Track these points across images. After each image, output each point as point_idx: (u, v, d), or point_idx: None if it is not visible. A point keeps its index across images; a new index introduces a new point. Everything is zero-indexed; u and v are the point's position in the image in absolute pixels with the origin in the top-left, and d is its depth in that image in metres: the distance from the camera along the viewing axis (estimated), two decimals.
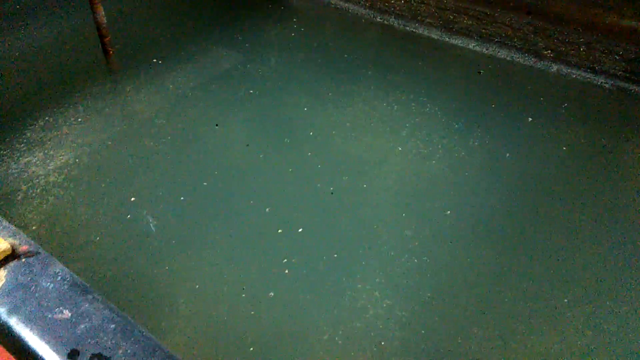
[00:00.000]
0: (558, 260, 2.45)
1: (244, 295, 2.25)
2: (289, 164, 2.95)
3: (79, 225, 2.54)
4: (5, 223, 1.11)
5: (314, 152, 3.04)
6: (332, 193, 2.75)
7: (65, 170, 2.83)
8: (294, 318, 2.19)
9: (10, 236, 1.07)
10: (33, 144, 3.00)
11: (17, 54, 3.87)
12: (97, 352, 0.83)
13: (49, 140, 3.04)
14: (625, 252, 2.49)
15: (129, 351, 0.83)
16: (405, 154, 3.03)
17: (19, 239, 1.07)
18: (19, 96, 3.44)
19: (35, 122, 3.17)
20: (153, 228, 2.54)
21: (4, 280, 0.96)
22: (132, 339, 0.85)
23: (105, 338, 0.85)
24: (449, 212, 2.68)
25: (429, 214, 2.67)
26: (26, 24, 4.22)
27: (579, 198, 2.79)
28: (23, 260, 1.02)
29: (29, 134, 3.07)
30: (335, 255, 2.43)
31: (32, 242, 1.08)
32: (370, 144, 3.11)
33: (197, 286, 2.28)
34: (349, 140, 3.13)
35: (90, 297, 0.94)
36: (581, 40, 3.77)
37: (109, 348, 0.83)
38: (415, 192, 2.80)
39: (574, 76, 3.77)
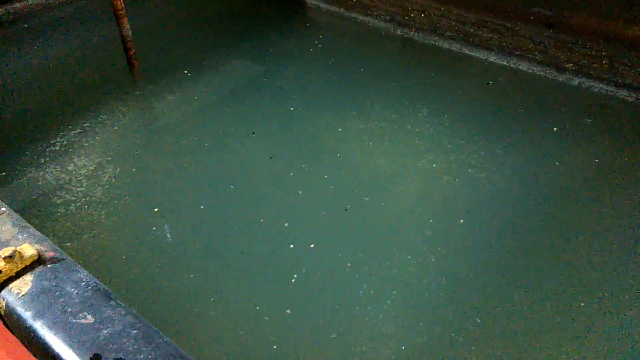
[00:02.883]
0: (582, 272, 2.41)
1: (257, 307, 2.27)
2: (309, 178, 2.97)
3: (104, 233, 2.58)
4: (32, 230, 1.14)
5: (333, 166, 3.05)
6: (345, 210, 2.74)
7: (92, 180, 2.89)
8: (307, 327, 2.19)
9: (36, 242, 1.10)
10: (60, 154, 3.07)
11: (43, 66, 3.97)
12: (118, 357, 0.84)
13: (75, 150, 3.11)
14: None
15: (150, 357, 0.84)
16: (425, 168, 3.02)
17: (45, 245, 1.10)
18: (45, 107, 3.53)
19: (62, 133, 3.24)
20: (170, 238, 2.57)
21: (30, 285, 0.98)
22: (154, 344, 0.86)
23: (127, 343, 0.86)
24: (461, 220, 2.68)
25: (449, 228, 2.65)
26: (54, 37, 4.34)
27: (605, 210, 2.74)
28: (49, 266, 1.04)
29: (55, 145, 3.14)
30: (349, 264, 2.43)
31: (58, 248, 1.10)
32: (390, 159, 3.10)
33: (212, 299, 2.30)
34: (368, 155, 3.13)
35: (112, 303, 0.95)
36: (603, 53, 3.73)
37: (131, 353, 0.84)
38: (435, 207, 2.79)
39: (596, 89, 3.72)
